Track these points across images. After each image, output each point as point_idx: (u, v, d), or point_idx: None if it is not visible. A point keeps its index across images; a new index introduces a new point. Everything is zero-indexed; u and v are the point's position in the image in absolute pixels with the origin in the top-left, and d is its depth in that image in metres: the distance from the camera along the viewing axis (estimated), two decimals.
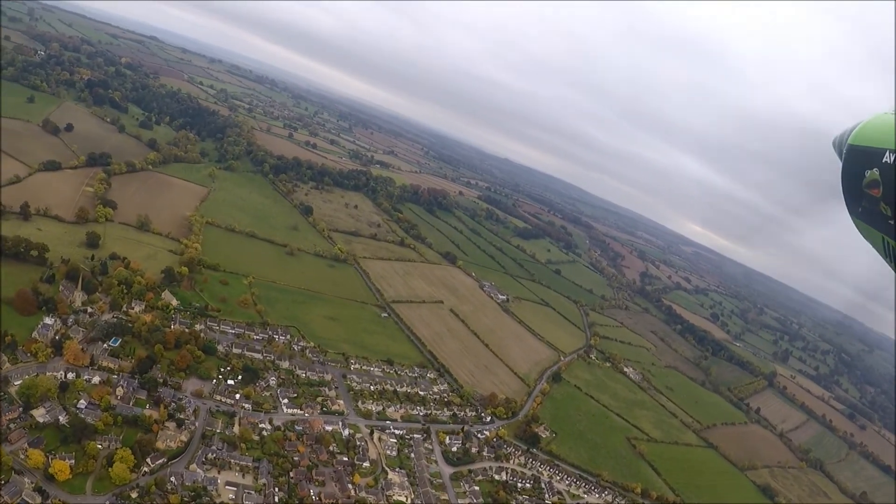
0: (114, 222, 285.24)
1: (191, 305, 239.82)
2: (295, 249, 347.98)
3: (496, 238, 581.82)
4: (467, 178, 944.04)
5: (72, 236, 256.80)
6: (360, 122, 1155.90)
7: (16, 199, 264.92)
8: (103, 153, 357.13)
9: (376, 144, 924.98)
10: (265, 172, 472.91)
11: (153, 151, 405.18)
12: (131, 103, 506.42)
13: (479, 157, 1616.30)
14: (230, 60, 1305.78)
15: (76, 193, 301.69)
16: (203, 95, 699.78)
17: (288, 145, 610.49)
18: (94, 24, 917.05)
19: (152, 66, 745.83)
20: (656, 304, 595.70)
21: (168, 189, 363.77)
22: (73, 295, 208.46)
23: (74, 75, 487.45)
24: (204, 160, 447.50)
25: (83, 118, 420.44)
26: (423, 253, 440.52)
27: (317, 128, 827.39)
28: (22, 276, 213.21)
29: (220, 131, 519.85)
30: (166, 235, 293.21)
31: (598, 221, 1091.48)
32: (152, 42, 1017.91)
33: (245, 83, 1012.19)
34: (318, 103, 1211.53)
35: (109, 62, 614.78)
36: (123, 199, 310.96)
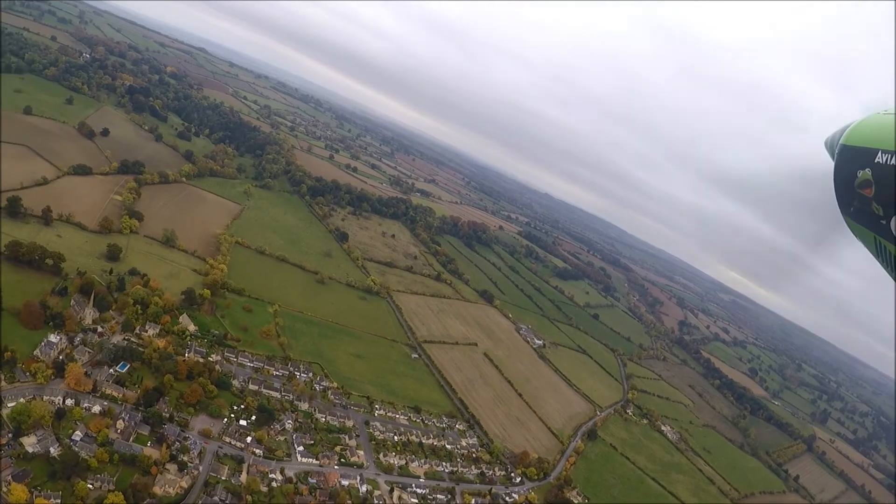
0: (138, 235, 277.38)
1: (209, 332, 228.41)
2: (326, 278, 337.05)
3: (535, 277, 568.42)
4: (508, 212, 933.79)
5: (92, 246, 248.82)
6: (402, 148, 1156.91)
7: (39, 201, 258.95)
8: (137, 161, 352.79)
9: (417, 172, 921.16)
10: (302, 193, 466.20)
11: (189, 163, 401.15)
12: (172, 112, 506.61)
13: (519, 190, 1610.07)
14: (277, 77, 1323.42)
15: (103, 201, 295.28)
16: (246, 110, 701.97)
17: (328, 167, 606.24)
18: (143, 32, 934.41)
19: (197, 77, 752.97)
20: (694, 356, 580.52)
21: (200, 204, 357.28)
22: (84, 311, 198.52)
23: (116, 80, 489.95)
24: (240, 176, 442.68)
25: (120, 124, 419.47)
26: (459, 290, 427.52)
27: (358, 151, 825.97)
28: (33, 286, 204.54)
29: (260, 148, 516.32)
30: (192, 253, 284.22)
31: (637, 264, 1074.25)
32: (200, 53, 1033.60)
33: (290, 101, 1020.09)
34: (362, 126, 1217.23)
35: (154, 70, 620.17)
36: (151, 212, 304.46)
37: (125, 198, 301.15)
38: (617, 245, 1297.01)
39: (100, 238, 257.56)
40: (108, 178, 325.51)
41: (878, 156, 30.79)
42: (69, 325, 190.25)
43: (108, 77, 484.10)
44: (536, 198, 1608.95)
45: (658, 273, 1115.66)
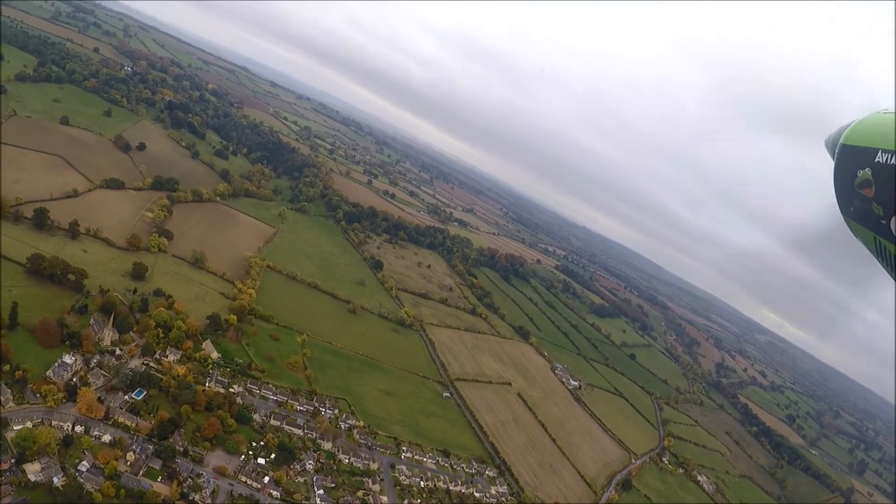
0: (167, 254, 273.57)
1: (232, 361, 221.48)
2: (358, 307, 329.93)
3: (571, 314, 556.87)
4: (545, 245, 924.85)
5: (118, 264, 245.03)
6: (441, 175, 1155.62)
7: (67, 214, 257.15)
8: (171, 178, 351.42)
9: (456, 200, 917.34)
10: (338, 219, 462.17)
11: (224, 183, 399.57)
12: (210, 130, 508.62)
13: (557, 222, 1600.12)
14: (318, 99, 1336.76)
15: (133, 217, 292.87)
16: (285, 131, 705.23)
17: (365, 192, 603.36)
18: (187, 48, 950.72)
19: (238, 95, 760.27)
20: (732, 401, 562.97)
21: (232, 225, 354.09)
22: (103, 332, 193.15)
23: (156, 95, 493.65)
24: (276, 198, 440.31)
25: (157, 139, 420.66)
26: (494, 325, 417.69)
27: (397, 177, 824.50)
28: (52, 302, 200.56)
29: (298, 170, 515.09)
30: (221, 276, 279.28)
31: (674, 301, 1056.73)
32: (243, 72, 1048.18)
33: (330, 123, 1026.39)
34: (402, 151, 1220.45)
35: (195, 87, 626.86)
36: (182, 231, 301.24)
37: (156, 215, 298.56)
38: (654, 281, 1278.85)
39: (126, 255, 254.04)
40: (140, 193, 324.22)
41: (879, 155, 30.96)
42: (86, 346, 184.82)
43: (147, 91, 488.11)
44: (573, 230, 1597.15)
45: (695, 311, 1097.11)
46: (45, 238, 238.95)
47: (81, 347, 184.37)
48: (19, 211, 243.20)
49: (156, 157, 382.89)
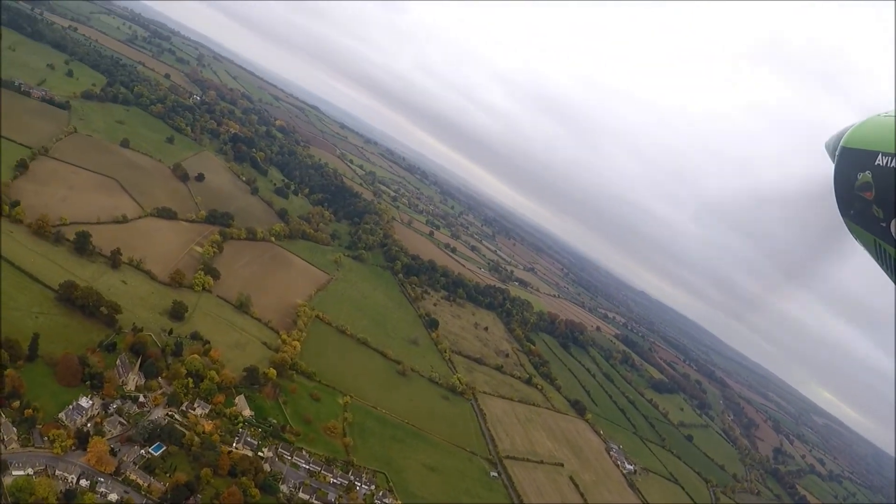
0: (211, 294, 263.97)
1: (265, 421, 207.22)
2: (408, 369, 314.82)
3: (629, 388, 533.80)
4: (605, 310, 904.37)
5: (157, 299, 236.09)
6: (503, 230, 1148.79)
7: (111, 240, 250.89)
8: (226, 213, 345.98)
9: (518, 258, 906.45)
10: (396, 271, 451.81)
11: (281, 223, 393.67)
12: (273, 166, 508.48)
13: (615, 285, 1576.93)
14: (385, 143, 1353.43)
15: (181, 251, 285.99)
16: (350, 174, 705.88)
17: (426, 244, 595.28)
18: (259, 83, 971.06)
19: (306, 134, 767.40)
20: (789, 491, 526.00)
21: (285, 268, 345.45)
22: (128, 375, 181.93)
23: (221, 126, 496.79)
24: (333, 243, 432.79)
25: (218, 171, 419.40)
26: (550, 397, 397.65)
27: (460, 230, 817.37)
28: (79, 336, 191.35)
29: (359, 215, 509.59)
30: (265, 323, 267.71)
31: (731, 377, 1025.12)
32: (313, 111, 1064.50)
33: (395, 169, 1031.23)
34: (465, 203, 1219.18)
35: (263, 121, 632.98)
36: (230, 270, 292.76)
37: (205, 251, 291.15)
38: (711, 354, 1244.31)
39: (168, 291, 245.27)
40: (192, 225, 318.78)
41: (879, 158, 31.83)
42: (107, 389, 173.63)
43: (213, 122, 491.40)
44: (632, 295, 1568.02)
45: (752, 388, 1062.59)
46: (85, 264, 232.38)
47: (102, 389, 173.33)
48: (61, 232, 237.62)
49: (213, 190, 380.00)
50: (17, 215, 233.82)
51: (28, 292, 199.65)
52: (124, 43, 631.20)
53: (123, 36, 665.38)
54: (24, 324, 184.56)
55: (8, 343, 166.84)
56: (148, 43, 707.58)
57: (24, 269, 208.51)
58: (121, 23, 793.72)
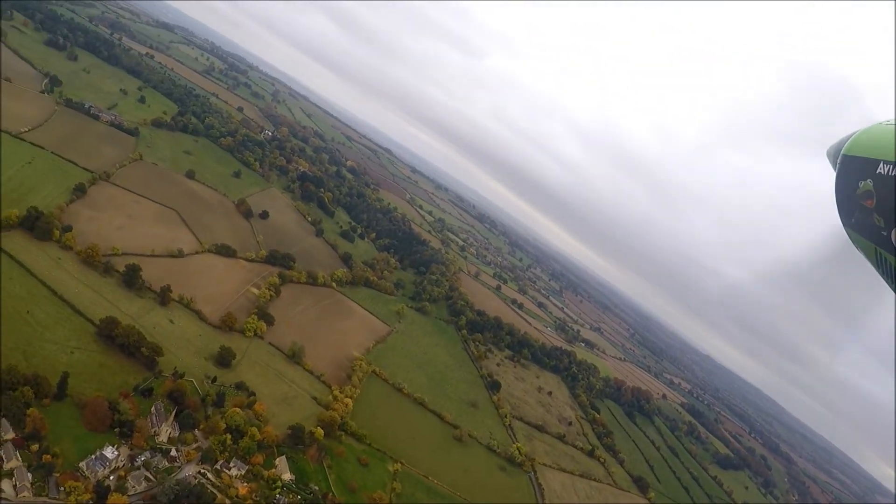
0: (262, 340, 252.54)
1: (306, 487, 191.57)
2: (465, 434, 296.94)
3: (694, 463, 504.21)
4: (670, 375, 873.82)
5: (204, 343, 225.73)
6: (570, 285, 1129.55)
7: (163, 275, 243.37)
8: (287, 254, 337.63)
9: (584, 316, 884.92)
10: (460, 326, 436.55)
11: (344, 268, 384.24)
12: (341, 208, 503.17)
13: (681, 347, 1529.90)
14: (455, 189, 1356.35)
15: (236, 292, 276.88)
16: (419, 220, 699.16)
17: (493, 299, 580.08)
18: (333, 122, 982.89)
19: (376, 176, 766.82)
20: None
21: (344, 317, 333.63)
22: (162, 426, 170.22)
23: (291, 163, 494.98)
24: (397, 293, 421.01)
25: (283, 209, 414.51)
26: (612, 471, 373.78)
27: (527, 284, 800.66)
28: (115, 376, 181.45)
29: (425, 264, 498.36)
30: (318, 376, 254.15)
31: (796, 450, 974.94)
32: (385, 154, 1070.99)
33: (465, 217, 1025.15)
34: (533, 255, 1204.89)
35: (333, 161, 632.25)
36: (286, 316, 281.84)
37: (262, 293, 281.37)
38: (775, 424, 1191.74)
39: (216, 334, 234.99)
40: (251, 265, 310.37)
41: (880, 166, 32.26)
42: (136, 439, 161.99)
43: (283, 159, 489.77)
44: (698, 359, 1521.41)
45: (817, 465, 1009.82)
46: (132, 298, 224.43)
47: (131, 438, 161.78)
48: (111, 262, 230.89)
49: (277, 229, 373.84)
50: (67, 241, 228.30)
51: (67, 325, 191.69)
52: (200, 74, 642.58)
53: (200, 67, 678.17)
54: (57, 358, 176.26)
55: (35, 378, 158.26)
56: (224, 75, 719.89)
57: (67, 299, 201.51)
58: (199, 53, 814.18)
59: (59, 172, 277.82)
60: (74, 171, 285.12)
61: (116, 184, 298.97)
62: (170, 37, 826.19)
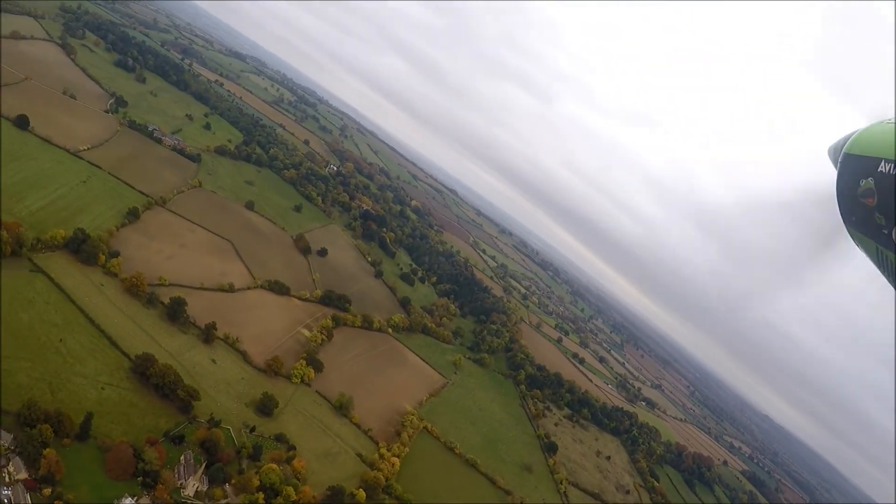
0: (309, 388, 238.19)
1: None
2: (518, 502, 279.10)
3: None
4: (730, 437, 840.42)
5: (246, 388, 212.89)
6: (632, 338, 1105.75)
7: (210, 310, 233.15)
8: (343, 295, 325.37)
9: (645, 372, 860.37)
10: (519, 381, 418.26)
11: (402, 313, 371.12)
12: (403, 249, 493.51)
13: (740, 406, 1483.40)
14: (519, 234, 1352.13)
15: (286, 333, 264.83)
16: (481, 265, 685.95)
17: (553, 353, 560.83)
18: (398, 159, 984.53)
19: (440, 217, 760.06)
20: None
21: (398, 366, 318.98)
22: (189, 478, 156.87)
23: (354, 200, 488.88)
24: (455, 342, 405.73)
25: (343, 248, 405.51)
26: None
27: (588, 336, 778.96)
28: (145, 419, 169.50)
29: (486, 312, 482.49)
30: (365, 431, 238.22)
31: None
32: (450, 195, 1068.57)
33: (528, 264, 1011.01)
34: (595, 305, 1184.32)
35: (398, 200, 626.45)
36: (336, 362, 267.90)
37: (313, 336, 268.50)
38: (834, 492, 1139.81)
39: (261, 379, 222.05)
40: (304, 304, 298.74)
41: (882, 165, 32.66)
42: (159, 491, 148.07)
43: (346, 195, 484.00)
44: (756, 419, 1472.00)
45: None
46: (174, 333, 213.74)
47: (154, 490, 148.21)
48: (156, 293, 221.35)
49: (334, 268, 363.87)
50: (111, 267, 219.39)
51: (101, 357, 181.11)
52: (269, 104, 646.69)
53: (269, 97, 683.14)
54: (85, 394, 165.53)
55: (57, 415, 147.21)
56: (293, 107, 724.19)
57: (104, 329, 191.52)
58: (269, 84, 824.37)
59: (113, 194, 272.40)
60: (130, 194, 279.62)
61: (172, 210, 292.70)
62: (241, 66, 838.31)
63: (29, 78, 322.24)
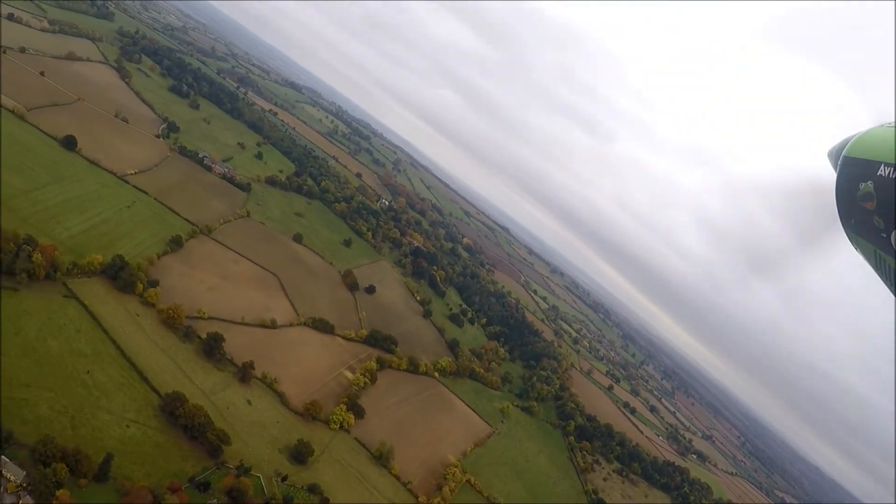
0: (348, 434, 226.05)
1: None
2: None
3: None
4: (782, 493, 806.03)
5: (281, 432, 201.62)
6: (682, 384, 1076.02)
7: (249, 347, 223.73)
8: (390, 336, 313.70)
9: (696, 422, 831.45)
10: (568, 431, 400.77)
11: (450, 356, 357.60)
12: (453, 288, 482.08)
13: (790, 457, 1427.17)
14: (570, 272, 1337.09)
15: (327, 374, 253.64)
16: (532, 306, 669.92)
17: (604, 402, 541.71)
18: (451, 195, 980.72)
19: (492, 256, 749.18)
20: None
21: (443, 413, 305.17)
22: None
23: (405, 237, 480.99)
24: (503, 388, 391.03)
25: (391, 285, 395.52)
26: None
27: (639, 383, 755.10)
28: (171, 462, 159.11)
29: (536, 357, 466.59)
30: (404, 483, 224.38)
31: None
32: (502, 232, 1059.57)
33: (579, 305, 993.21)
34: (645, 350, 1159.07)
35: (449, 237, 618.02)
36: (379, 407, 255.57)
37: (356, 379, 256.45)
38: None
39: (297, 423, 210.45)
40: (348, 344, 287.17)
41: (881, 169, 32.65)
42: None
43: (397, 231, 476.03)
44: (806, 471, 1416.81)
45: None
46: (209, 370, 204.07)
47: None
48: (193, 327, 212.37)
49: (382, 306, 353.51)
50: (149, 298, 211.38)
51: (129, 392, 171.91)
52: (323, 135, 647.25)
53: (324, 129, 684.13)
54: (108, 431, 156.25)
55: (75, 454, 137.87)
56: (347, 139, 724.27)
57: (136, 362, 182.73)
58: (324, 115, 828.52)
59: (157, 220, 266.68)
60: (175, 221, 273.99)
61: (217, 239, 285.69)
62: (296, 96, 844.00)
63: (81, 99, 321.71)
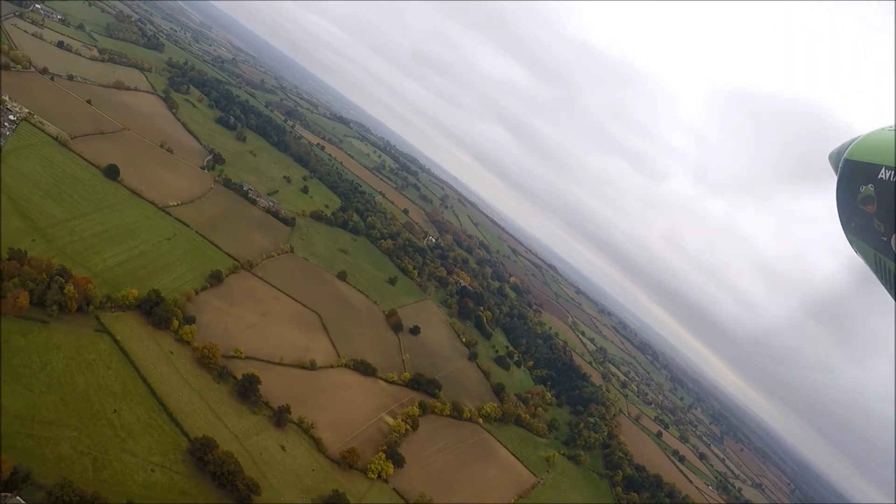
0: (386, 484, 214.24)
1: None
2: None
3: None
4: None
5: (316, 481, 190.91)
6: (731, 429, 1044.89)
7: (287, 390, 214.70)
8: (433, 380, 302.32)
9: (745, 469, 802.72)
10: (615, 482, 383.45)
11: (495, 401, 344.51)
12: (499, 329, 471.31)
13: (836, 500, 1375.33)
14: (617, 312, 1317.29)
15: (367, 419, 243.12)
16: (580, 349, 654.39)
17: (653, 449, 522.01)
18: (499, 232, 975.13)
19: (540, 296, 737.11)
20: None
21: (486, 461, 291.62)
22: None
23: (452, 275, 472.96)
24: (549, 435, 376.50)
25: (437, 326, 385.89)
26: None
27: (688, 429, 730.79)
28: None
29: (583, 403, 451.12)
30: None
31: None
32: (549, 271, 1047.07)
33: (627, 347, 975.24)
34: (694, 393, 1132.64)
35: (497, 276, 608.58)
36: (420, 455, 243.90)
37: (396, 425, 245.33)
38: None
39: (333, 471, 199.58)
40: (390, 388, 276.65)
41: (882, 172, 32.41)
42: None
43: (444, 269, 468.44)
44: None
45: None
46: (243, 413, 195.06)
47: None
48: (229, 366, 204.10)
49: (426, 347, 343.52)
50: (184, 335, 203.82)
51: (157, 434, 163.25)
52: (370, 170, 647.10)
53: (371, 163, 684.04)
54: (132, 475, 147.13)
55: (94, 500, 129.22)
56: (394, 174, 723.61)
57: (166, 403, 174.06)
58: (372, 150, 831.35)
59: (197, 254, 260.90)
60: (216, 256, 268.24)
61: (258, 275, 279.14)
62: (344, 130, 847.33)
63: (127, 128, 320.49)
